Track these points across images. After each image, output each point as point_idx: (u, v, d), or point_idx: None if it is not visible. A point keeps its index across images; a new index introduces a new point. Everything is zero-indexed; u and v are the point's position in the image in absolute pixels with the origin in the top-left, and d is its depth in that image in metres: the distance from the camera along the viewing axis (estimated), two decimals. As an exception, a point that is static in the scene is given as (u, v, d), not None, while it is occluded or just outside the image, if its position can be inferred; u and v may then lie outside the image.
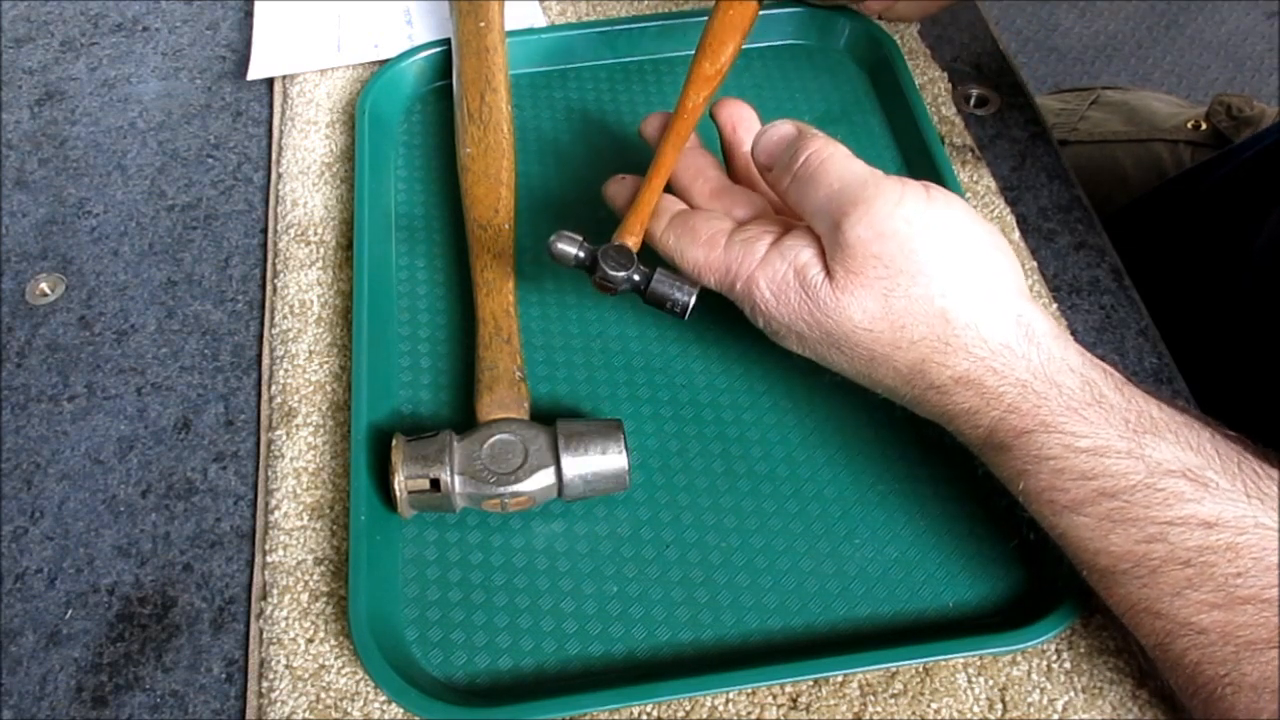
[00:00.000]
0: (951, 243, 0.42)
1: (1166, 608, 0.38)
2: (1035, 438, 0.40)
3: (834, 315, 0.42)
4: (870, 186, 0.42)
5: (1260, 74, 1.80)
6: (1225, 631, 0.36)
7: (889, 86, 0.62)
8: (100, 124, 0.65)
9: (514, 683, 0.44)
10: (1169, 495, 0.38)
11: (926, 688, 0.43)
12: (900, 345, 0.42)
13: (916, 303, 0.41)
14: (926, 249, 0.41)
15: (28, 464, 0.51)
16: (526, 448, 0.46)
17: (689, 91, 0.49)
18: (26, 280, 0.58)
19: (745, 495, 0.48)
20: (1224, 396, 0.42)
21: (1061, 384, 0.40)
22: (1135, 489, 0.38)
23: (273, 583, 0.46)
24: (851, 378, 0.45)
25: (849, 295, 0.41)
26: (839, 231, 0.41)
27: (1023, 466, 0.40)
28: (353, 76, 0.66)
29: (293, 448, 0.50)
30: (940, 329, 0.41)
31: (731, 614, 0.45)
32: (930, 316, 0.41)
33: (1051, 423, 0.40)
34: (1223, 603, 0.36)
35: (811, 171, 0.43)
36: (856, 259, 0.41)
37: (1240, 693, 0.36)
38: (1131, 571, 0.38)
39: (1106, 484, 0.38)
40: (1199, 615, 0.37)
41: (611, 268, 0.45)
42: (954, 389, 0.41)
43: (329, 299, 0.55)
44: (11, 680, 0.45)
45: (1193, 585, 0.37)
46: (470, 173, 0.56)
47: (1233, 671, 0.36)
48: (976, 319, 0.41)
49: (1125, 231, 0.67)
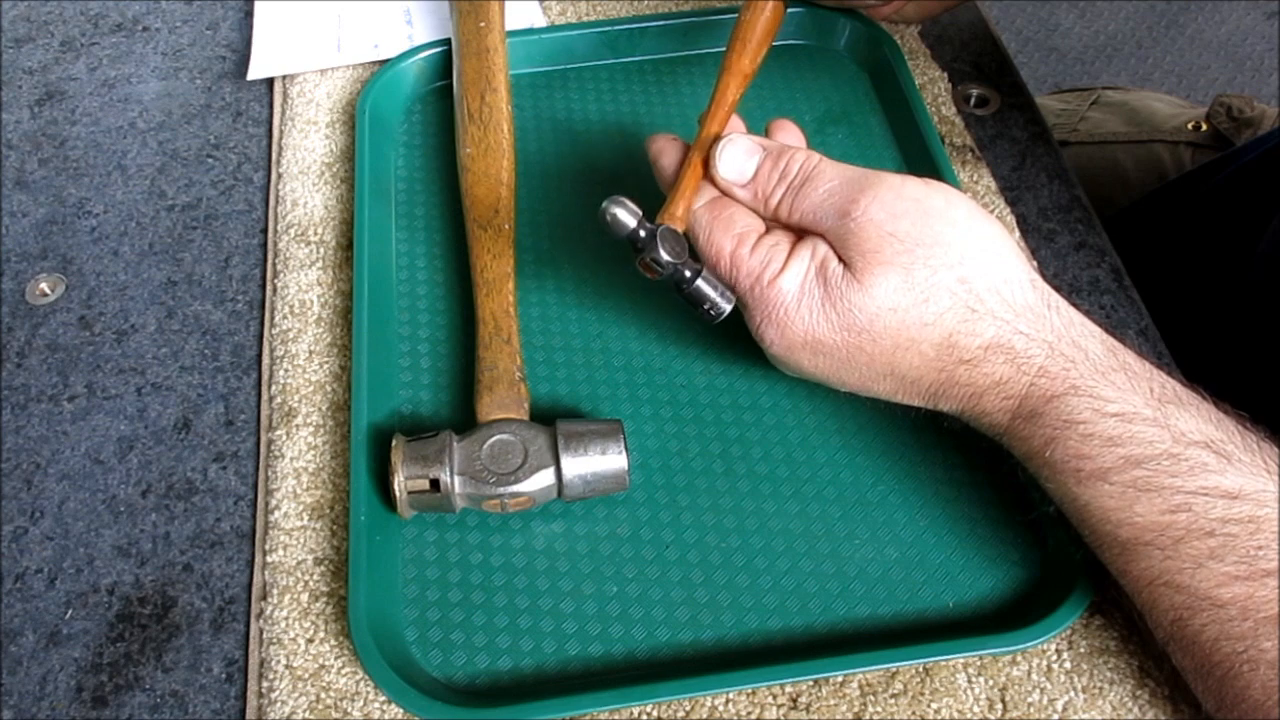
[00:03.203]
0: (961, 217, 0.42)
1: (1188, 580, 0.37)
2: (1066, 401, 0.40)
3: (858, 303, 0.42)
4: (870, 177, 0.43)
5: (1260, 74, 1.80)
6: (1246, 606, 0.36)
7: (889, 86, 0.62)
8: (100, 124, 0.65)
9: (514, 683, 0.44)
10: (1194, 465, 0.38)
11: (926, 688, 0.43)
12: (927, 321, 0.41)
13: (938, 272, 0.41)
14: (939, 222, 0.42)
15: (28, 464, 0.51)
16: (526, 448, 0.46)
17: (729, 85, 0.50)
18: (26, 280, 0.58)
19: (745, 495, 0.48)
20: (1224, 397, 0.42)
21: (1087, 349, 0.41)
22: (1161, 457, 0.38)
23: (273, 583, 0.46)
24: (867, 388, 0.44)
25: (870, 277, 0.41)
26: (849, 219, 0.42)
27: (1052, 433, 0.40)
28: (353, 76, 0.66)
29: (293, 448, 0.50)
30: (964, 296, 0.41)
31: (731, 614, 0.45)
32: (953, 284, 0.41)
33: (1081, 386, 0.40)
34: (1245, 575, 0.36)
35: (806, 176, 0.44)
36: (872, 240, 0.41)
37: (1257, 670, 0.36)
38: (1155, 543, 0.38)
39: (1133, 451, 0.39)
40: (1220, 588, 0.37)
41: (667, 252, 0.44)
42: (984, 358, 0.41)
43: (329, 299, 0.55)
44: (11, 680, 0.45)
45: (1215, 557, 0.37)
46: (470, 173, 0.56)
47: (1251, 648, 0.36)
48: (997, 283, 0.42)
49: (1125, 232, 0.67)
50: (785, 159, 0.45)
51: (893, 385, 0.44)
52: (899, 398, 0.45)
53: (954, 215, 0.42)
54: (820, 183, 0.43)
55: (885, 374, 0.43)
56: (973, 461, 0.48)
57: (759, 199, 0.45)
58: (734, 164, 0.45)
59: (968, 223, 0.42)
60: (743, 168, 0.45)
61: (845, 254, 0.42)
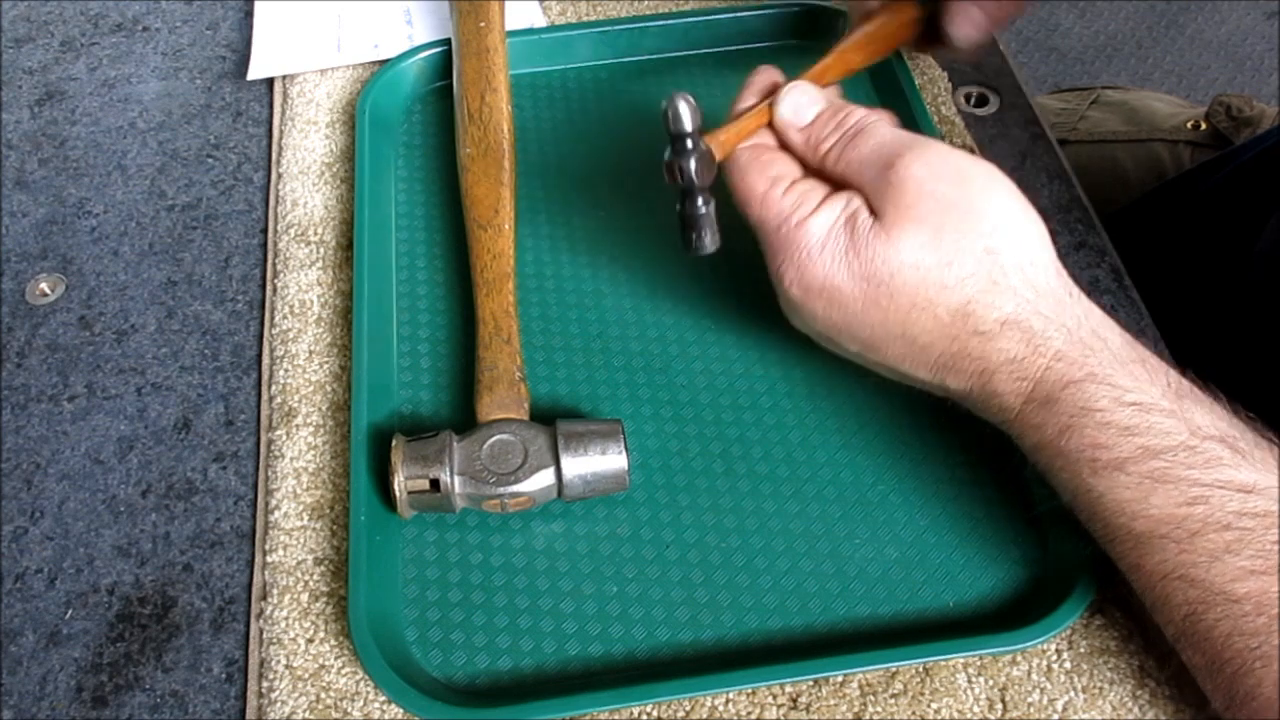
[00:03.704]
0: (999, 193, 0.43)
1: (1203, 574, 0.37)
2: (1084, 388, 0.40)
3: (882, 254, 0.42)
4: (921, 139, 0.43)
5: (1260, 74, 1.80)
6: (1260, 601, 0.36)
7: (889, 86, 0.62)
8: (100, 124, 0.65)
9: (514, 683, 0.44)
10: (1210, 458, 0.38)
11: (926, 688, 0.43)
12: (947, 284, 0.41)
13: (967, 238, 0.41)
14: (978, 192, 0.42)
15: (28, 464, 0.51)
16: (526, 448, 0.46)
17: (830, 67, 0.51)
18: (26, 280, 0.58)
19: (745, 495, 0.48)
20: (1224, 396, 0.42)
21: (1106, 338, 0.41)
22: (1178, 449, 0.38)
23: (273, 583, 0.46)
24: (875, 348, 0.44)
25: (899, 230, 0.41)
26: (891, 171, 0.42)
27: (1068, 421, 0.40)
28: (353, 76, 0.66)
29: (293, 448, 0.50)
30: (989, 267, 0.41)
31: (731, 614, 0.45)
32: (980, 254, 0.41)
33: (1100, 374, 0.40)
34: (1261, 569, 0.36)
35: (862, 129, 0.45)
36: (909, 194, 0.42)
37: (1269, 666, 0.36)
38: (1170, 535, 0.38)
39: (1151, 441, 0.38)
40: (1235, 583, 0.37)
41: (695, 165, 0.44)
42: (1000, 333, 0.41)
43: (329, 299, 0.55)
44: (11, 680, 0.45)
45: (1231, 550, 0.37)
46: (470, 173, 0.56)
47: (1264, 644, 0.36)
48: (1023, 262, 0.42)
49: (1125, 231, 0.67)
50: (845, 110, 0.46)
51: (901, 349, 0.43)
52: (906, 365, 0.44)
53: (993, 190, 0.43)
54: (873, 136, 0.44)
55: (897, 335, 0.43)
56: (973, 461, 0.48)
57: (810, 144, 0.46)
58: (795, 106, 0.46)
59: (1005, 200, 0.43)
60: (804, 111, 0.46)
61: (879, 207, 0.42)
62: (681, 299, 0.55)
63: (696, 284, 0.55)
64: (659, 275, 0.56)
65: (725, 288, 0.55)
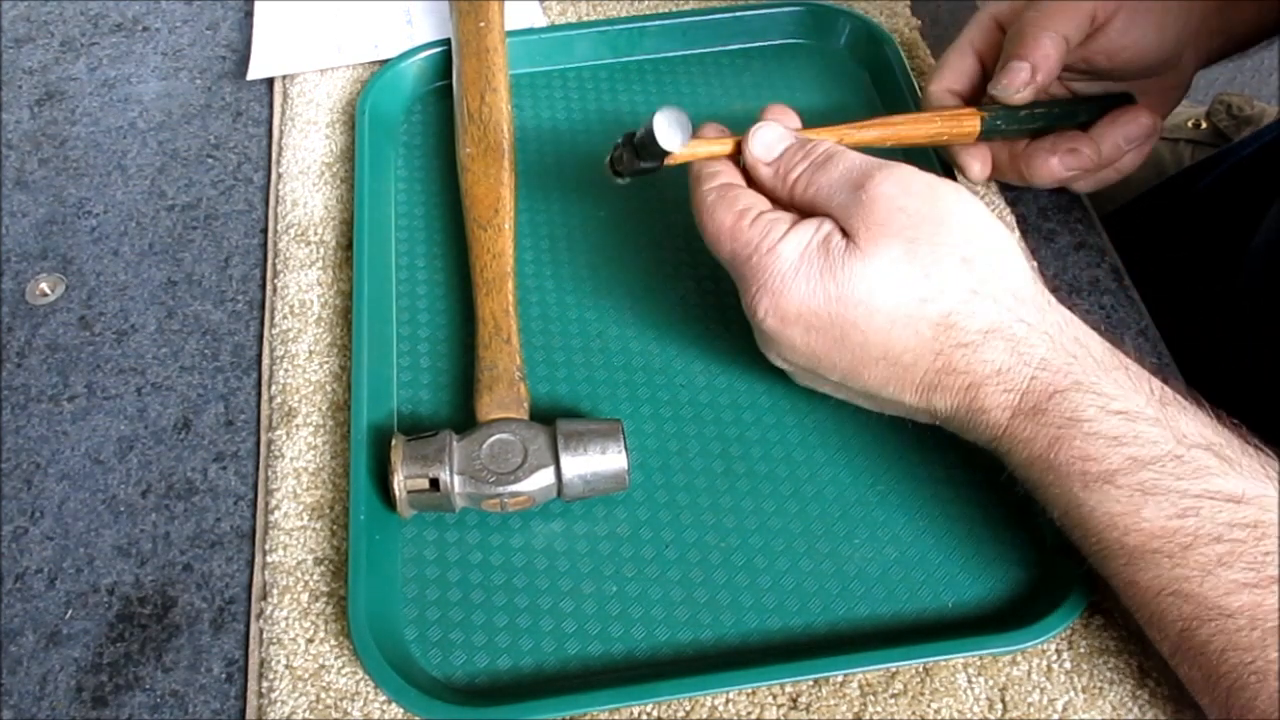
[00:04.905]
0: (970, 209, 0.43)
1: (1196, 588, 0.37)
2: (1070, 397, 0.40)
3: (858, 272, 0.41)
4: (888, 162, 0.44)
5: (1260, 74, 1.80)
6: (1254, 615, 0.36)
7: (889, 86, 0.62)
8: (100, 124, 0.65)
9: (514, 683, 0.44)
10: (1197, 468, 0.38)
11: (926, 688, 0.43)
12: (926, 297, 0.41)
13: (942, 249, 0.41)
14: (950, 204, 0.42)
15: (28, 464, 0.51)
16: (526, 448, 0.46)
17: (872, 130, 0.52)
18: (26, 280, 0.58)
19: (745, 495, 0.48)
20: (1223, 396, 0.42)
21: (1088, 345, 0.41)
22: (1166, 459, 0.38)
23: (273, 583, 0.46)
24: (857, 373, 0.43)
25: (874, 246, 0.41)
26: (862, 190, 0.42)
27: (1056, 432, 0.40)
28: (353, 76, 0.66)
29: (293, 448, 0.50)
30: (966, 277, 0.41)
31: (731, 614, 0.45)
32: (956, 264, 0.41)
33: (1084, 381, 0.40)
34: (1253, 582, 0.36)
35: (831, 155, 0.45)
36: (881, 210, 0.42)
37: (1265, 681, 0.36)
38: (1163, 549, 0.38)
39: (1139, 451, 0.38)
40: (1229, 596, 0.36)
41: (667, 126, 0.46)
42: (984, 343, 0.41)
43: (329, 299, 0.55)
44: (11, 680, 0.45)
45: (1224, 564, 0.37)
46: (470, 173, 0.56)
47: (1259, 658, 0.36)
48: (999, 271, 0.42)
49: (1125, 230, 0.67)
50: (812, 144, 0.46)
51: (885, 371, 0.42)
52: (890, 389, 0.43)
53: (964, 203, 0.43)
54: (842, 160, 0.44)
55: (878, 356, 0.42)
56: (972, 461, 0.48)
57: (780, 174, 0.46)
58: (764, 143, 0.47)
59: (976, 215, 0.43)
60: (772, 147, 0.47)
61: (851, 227, 0.42)
62: (681, 299, 0.55)
63: (696, 284, 0.55)
64: (659, 276, 0.56)
65: (725, 288, 0.55)
